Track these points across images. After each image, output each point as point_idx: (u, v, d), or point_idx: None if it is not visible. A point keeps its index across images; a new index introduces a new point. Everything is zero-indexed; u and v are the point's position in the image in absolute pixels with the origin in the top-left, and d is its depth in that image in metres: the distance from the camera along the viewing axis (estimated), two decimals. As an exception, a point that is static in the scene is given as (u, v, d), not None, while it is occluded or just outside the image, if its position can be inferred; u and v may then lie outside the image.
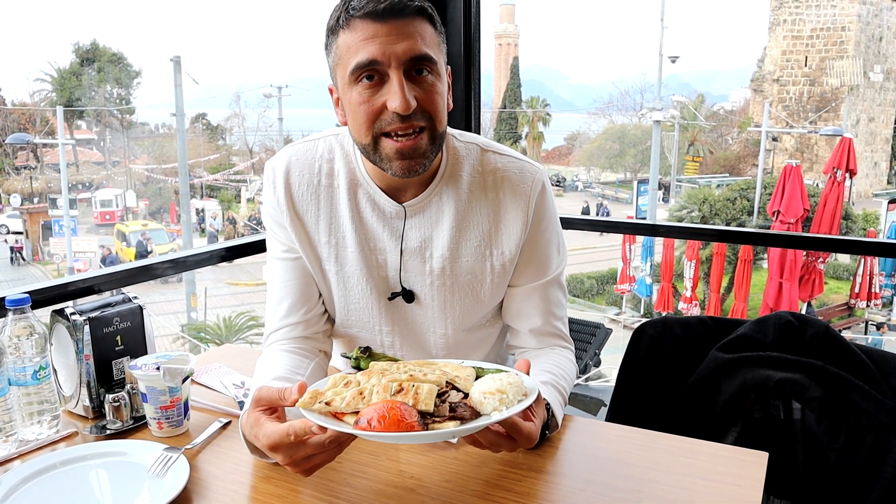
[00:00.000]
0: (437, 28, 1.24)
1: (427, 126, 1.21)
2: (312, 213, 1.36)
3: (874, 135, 34.62)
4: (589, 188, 41.40)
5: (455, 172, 1.35)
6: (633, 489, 1.08)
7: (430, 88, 1.21)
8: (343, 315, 1.41)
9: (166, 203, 34.25)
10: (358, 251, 1.35)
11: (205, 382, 1.47)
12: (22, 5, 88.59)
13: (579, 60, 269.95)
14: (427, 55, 1.18)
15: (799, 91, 33.46)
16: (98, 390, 1.31)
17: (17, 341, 1.19)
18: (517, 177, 1.36)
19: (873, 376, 1.35)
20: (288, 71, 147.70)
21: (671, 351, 1.55)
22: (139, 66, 41.75)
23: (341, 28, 1.20)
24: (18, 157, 36.16)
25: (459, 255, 1.35)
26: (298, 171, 1.36)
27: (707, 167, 37.72)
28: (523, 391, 1.00)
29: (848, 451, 1.34)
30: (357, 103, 1.20)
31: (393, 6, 1.16)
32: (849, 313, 18.05)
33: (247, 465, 1.15)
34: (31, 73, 58.60)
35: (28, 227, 27.99)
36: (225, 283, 24.22)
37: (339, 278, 1.37)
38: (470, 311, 1.39)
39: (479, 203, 1.35)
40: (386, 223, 1.34)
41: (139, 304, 1.38)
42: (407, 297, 1.37)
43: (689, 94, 45.62)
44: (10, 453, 1.18)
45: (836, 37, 32.19)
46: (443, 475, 1.11)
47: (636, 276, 17.04)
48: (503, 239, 1.35)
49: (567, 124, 51.31)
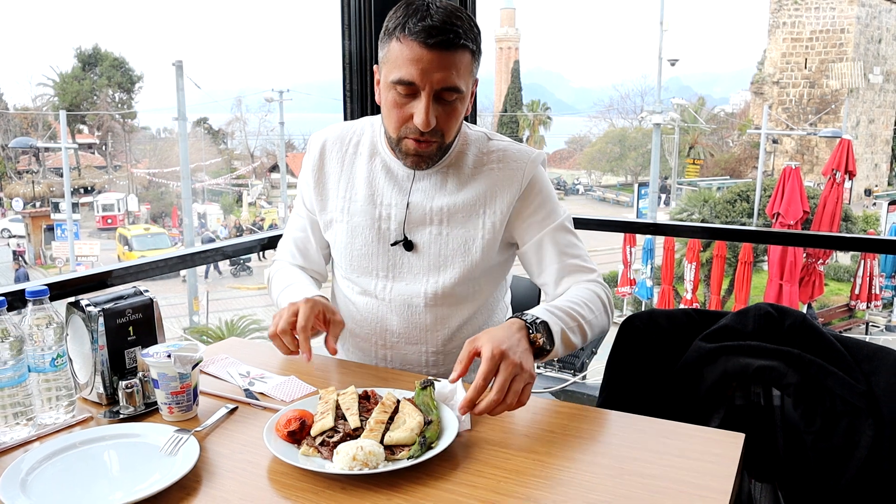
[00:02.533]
0: (476, 56, 1.46)
1: (439, 140, 1.47)
2: (335, 173, 1.64)
3: (874, 136, 34.68)
4: (590, 191, 41.48)
5: (463, 151, 1.59)
6: (615, 466, 1.15)
7: (451, 112, 1.45)
8: (347, 260, 1.63)
9: (168, 207, 34.35)
10: (366, 204, 1.59)
11: (212, 372, 1.54)
12: (25, 10, 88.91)
13: (580, 64, 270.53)
14: (456, 87, 1.41)
15: (799, 93, 33.53)
16: (111, 378, 1.38)
17: (37, 330, 1.26)
18: (516, 153, 1.59)
19: (847, 363, 1.42)
20: (289, 75, 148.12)
21: (657, 341, 1.62)
22: (141, 71, 41.89)
23: (397, 38, 1.41)
24: (21, 161, 36.25)
25: (457, 212, 1.56)
26: (332, 142, 1.66)
27: (708, 170, 37.77)
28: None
29: (823, 435, 1.40)
30: (391, 105, 1.45)
31: (441, 41, 1.37)
32: (849, 315, 18.08)
33: (253, 445, 1.22)
34: (34, 77, 58.99)
35: (30, 230, 28.11)
36: (227, 286, 24.31)
37: (348, 227, 1.62)
38: (461, 265, 1.56)
39: (479, 175, 1.57)
40: (396, 184, 1.59)
41: (150, 296, 1.45)
42: (407, 246, 1.58)
43: (689, 97, 45.70)
44: (29, 435, 1.25)
45: (836, 39, 32.26)
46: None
47: (637, 278, 17.08)
48: (497, 201, 1.56)
49: (568, 128, 51.37)
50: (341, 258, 1.65)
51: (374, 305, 1.63)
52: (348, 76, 2.33)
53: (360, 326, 1.66)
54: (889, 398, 1.37)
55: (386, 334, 1.63)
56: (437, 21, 1.37)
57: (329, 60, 64.47)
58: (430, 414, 1.22)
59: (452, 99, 1.43)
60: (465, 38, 1.40)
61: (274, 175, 38.84)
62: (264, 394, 1.43)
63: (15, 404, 1.23)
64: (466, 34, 1.41)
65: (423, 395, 1.27)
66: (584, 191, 41.79)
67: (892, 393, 1.37)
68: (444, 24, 1.37)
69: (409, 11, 1.40)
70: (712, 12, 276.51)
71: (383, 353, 1.65)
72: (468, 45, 1.41)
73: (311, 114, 51.66)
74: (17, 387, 1.23)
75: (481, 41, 1.48)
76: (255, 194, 36.60)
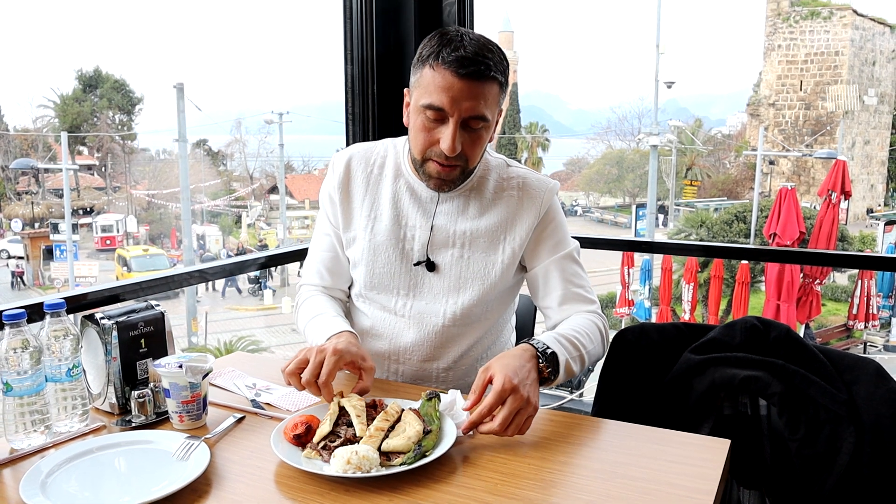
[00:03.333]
0: (503, 88, 1.53)
1: (462, 165, 1.55)
2: (360, 192, 1.69)
3: (870, 157, 34.91)
4: (588, 213, 41.61)
5: (484, 176, 1.67)
6: (606, 470, 1.21)
7: (476, 140, 1.52)
8: (368, 278, 1.68)
9: (167, 228, 34.41)
10: (390, 224, 1.66)
11: (220, 384, 1.60)
12: (27, 32, 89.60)
13: (578, 86, 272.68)
14: (483, 115, 1.49)
15: (794, 115, 33.79)
16: (124, 388, 1.44)
17: (54, 341, 1.33)
18: (535, 183, 1.68)
19: (829, 373, 1.48)
20: (289, 97, 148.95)
21: (648, 354, 1.68)
22: (141, 93, 42.07)
23: (430, 65, 1.47)
24: (20, 182, 36.39)
25: (479, 237, 1.63)
26: (358, 161, 1.72)
27: (705, 191, 37.94)
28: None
29: (807, 442, 1.46)
30: (419, 128, 1.52)
31: (473, 72, 1.44)
32: (847, 335, 18.13)
33: (261, 452, 1.27)
34: (35, 99, 59.36)
35: (29, 251, 28.13)
36: (225, 308, 24.32)
37: (370, 245, 1.67)
38: (480, 287, 1.63)
39: (500, 200, 1.65)
40: (420, 205, 1.66)
41: (161, 310, 1.51)
42: (429, 266, 1.64)
43: (686, 119, 45.92)
44: (45, 443, 1.31)
45: (830, 61, 32.58)
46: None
47: (635, 299, 17.13)
48: (517, 228, 1.64)
49: (566, 150, 51.61)
50: (362, 275, 1.69)
51: (392, 322, 1.69)
52: (350, 100, 2.41)
53: (376, 341, 1.71)
54: (868, 406, 1.44)
55: (400, 350, 1.69)
56: (469, 52, 1.44)
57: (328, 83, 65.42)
58: (431, 424, 1.28)
59: (478, 127, 1.50)
60: (494, 70, 1.47)
61: (273, 197, 38.96)
62: (270, 404, 1.49)
63: (33, 412, 1.29)
64: (496, 66, 1.48)
65: (428, 405, 1.33)
66: (583, 212, 41.93)
67: (872, 401, 1.44)
68: (477, 55, 1.44)
69: (443, 41, 1.46)
70: (708, 35, 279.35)
71: (395, 368, 1.71)
72: (497, 77, 1.49)
73: (311, 136, 51.95)
74: (35, 395, 1.29)
75: (509, 74, 1.55)
76: (254, 216, 36.70)
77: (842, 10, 32.21)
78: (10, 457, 1.26)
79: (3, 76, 64.89)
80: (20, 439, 1.29)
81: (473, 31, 1.54)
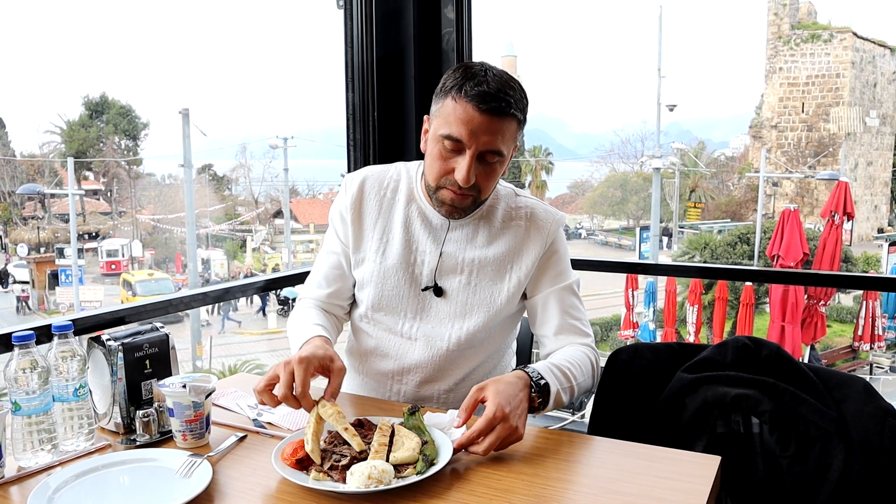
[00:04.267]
0: (521, 125, 1.57)
1: (474, 195, 1.58)
2: (373, 215, 1.73)
3: (873, 178, 34.96)
4: (592, 235, 41.64)
5: (494, 205, 1.71)
6: (597, 486, 1.24)
7: (490, 173, 1.57)
8: (377, 300, 1.71)
9: (172, 253, 34.53)
10: (401, 248, 1.69)
11: (222, 404, 1.64)
12: (34, 59, 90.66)
13: (581, 110, 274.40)
14: (500, 150, 1.53)
15: (797, 137, 33.91)
16: (129, 408, 1.47)
17: (62, 362, 1.37)
18: (542, 214, 1.72)
19: (819, 391, 1.51)
20: (293, 122, 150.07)
21: (642, 374, 1.72)
22: (147, 118, 42.32)
23: (452, 96, 1.51)
24: (26, 207, 36.62)
25: (487, 265, 1.67)
26: (371, 183, 1.75)
27: (709, 213, 37.98)
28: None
29: (798, 459, 1.49)
30: (436, 156, 1.56)
31: (494, 108, 1.48)
32: (853, 356, 18.06)
33: (263, 469, 1.31)
34: (42, 125, 60.02)
35: (35, 276, 28.24)
36: (230, 332, 24.34)
37: (380, 268, 1.70)
38: (486, 314, 1.67)
39: (508, 229, 1.69)
40: (430, 232, 1.69)
41: (166, 332, 1.55)
42: (437, 292, 1.68)
43: (689, 142, 46.09)
44: (51, 461, 1.34)
45: (832, 83, 32.76)
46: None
47: (639, 321, 17.10)
48: (524, 258, 1.68)
49: (570, 172, 51.74)
50: (370, 297, 1.71)
51: (398, 343, 1.71)
52: (352, 126, 2.47)
53: (380, 360, 1.74)
54: (857, 423, 1.46)
55: (404, 371, 1.72)
56: (492, 88, 1.48)
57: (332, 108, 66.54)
58: (423, 435, 1.32)
59: (494, 161, 1.54)
60: (514, 108, 1.51)
61: (278, 221, 39.10)
62: (272, 423, 1.52)
63: (41, 431, 1.33)
64: (517, 104, 1.52)
65: (413, 419, 1.37)
66: (587, 235, 41.96)
67: (860, 418, 1.46)
68: (499, 91, 1.48)
69: (467, 74, 1.50)
70: (709, 58, 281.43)
71: (397, 388, 1.74)
72: (517, 115, 1.53)
73: (315, 160, 52.19)
74: (43, 414, 1.33)
75: (528, 112, 1.59)
76: (258, 240, 36.80)
77: (842, 32, 32.45)
78: (18, 474, 1.30)
79: (11, 103, 65.54)
80: (28, 457, 1.33)
81: (496, 67, 1.57)
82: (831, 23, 33.41)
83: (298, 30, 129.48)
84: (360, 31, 2.40)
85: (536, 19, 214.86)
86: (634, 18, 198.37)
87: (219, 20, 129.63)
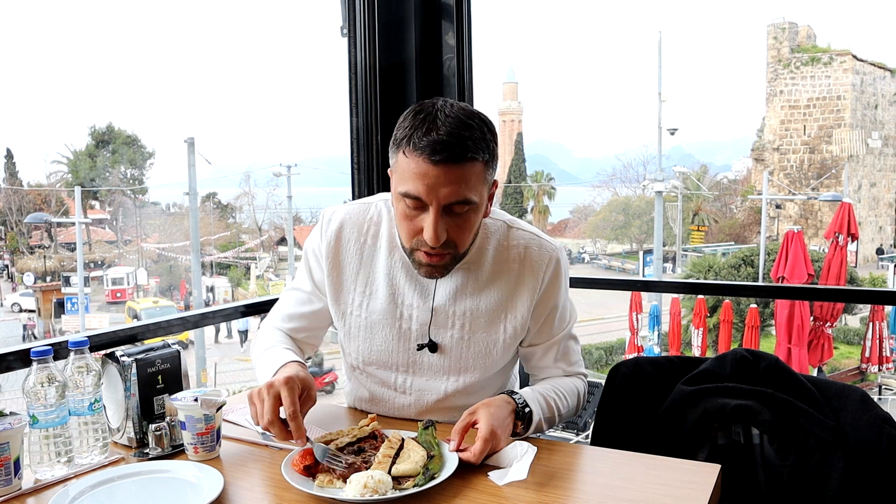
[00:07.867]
0: (489, 163, 1.41)
1: (452, 252, 1.44)
2: (353, 265, 1.61)
3: (877, 200, 35.03)
4: (595, 260, 41.66)
5: (483, 246, 1.57)
6: (599, 493, 1.27)
7: (462, 224, 1.42)
8: (366, 354, 1.63)
9: (176, 280, 34.63)
10: (386, 303, 1.58)
11: (232, 420, 1.67)
12: (41, 90, 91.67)
13: (582, 134, 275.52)
14: (467, 199, 1.38)
15: (799, 159, 34.04)
16: (141, 423, 1.51)
17: (78, 377, 1.41)
18: (536, 253, 1.58)
19: (817, 401, 1.54)
20: (297, 150, 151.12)
21: (643, 387, 1.75)
22: (153, 147, 42.82)
23: (403, 151, 1.37)
24: (33, 236, 36.84)
25: (479, 317, 1.57)
26: (349, 229, 1.61)
27: (713, 236, 38.03)
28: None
29: (798, 468, 1.52)
30: (401, 217, 1.43)
31: (448, 157, 1.33)
32: (861, 378, 17.94)
33: (272, 480, 1.34)
34: (49, 155, 60.59)
35: (41, 304, 28.34)
36: (234, 358, 24.33)
37: (366, 323, 1.61)
38: (482, 367, 1.61)
39: (499, 274, 1.57)
40: (416, 284, 1.57)
41: (178, 348, 1.59)
42: (431, 348, 1.59)
43: (692, 165, 46.24)
44: (67, 474, 1.38)
45: (833, 105, 32.95)
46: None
47: (644, 345, 17.04)
48: (517, 306, 1.57)
49: (572, 197, 51.89)
50: (359, 351, 1.64)
51: (392, 396, 1.66)
52: (356, 151, 2.52)
53: (374, 407, 1.69)
54: (855, 432, 1.49)
55: (399, 415, 1.68)
56: (443, 134, 1.33)
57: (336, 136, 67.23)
58: (433, 450, 1.35)
59: (464, 210, 1.39)
60: (472, 151, 1.35)
61: (281, 248, 39.26)
62: (280, 437, 1.55)
63: (57, 444, 1.37)
64: (476, 144, 1.36)
65: (426, 433, 1.40)
66: (590, 259, 41.98)
67: (858, 427, 1.49)
68: (451, 136, 1.33)
69: (416, 122, 1.36)
70: (709, 82, 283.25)
71: None
72: (477, 157, 1.37)
73: (319, 188, 52.48)
74: (59, 427, 1.37)
75: (495, 145, 1.43)
76: (262, 267, 36.91)
77: (841, 55, 32.71)
78: (35, 486, 1.33)
79: (19, 133, 66.15)
80: (44, 470, 1.36)
81: (455, 100, 1.44)
82: (831, 46, 33.70)
83: (302, 59, 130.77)
84: (363, 57, 2.46)
85: (537, 45, 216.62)
86: (634, 44, 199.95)
87: (225, 51, 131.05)
